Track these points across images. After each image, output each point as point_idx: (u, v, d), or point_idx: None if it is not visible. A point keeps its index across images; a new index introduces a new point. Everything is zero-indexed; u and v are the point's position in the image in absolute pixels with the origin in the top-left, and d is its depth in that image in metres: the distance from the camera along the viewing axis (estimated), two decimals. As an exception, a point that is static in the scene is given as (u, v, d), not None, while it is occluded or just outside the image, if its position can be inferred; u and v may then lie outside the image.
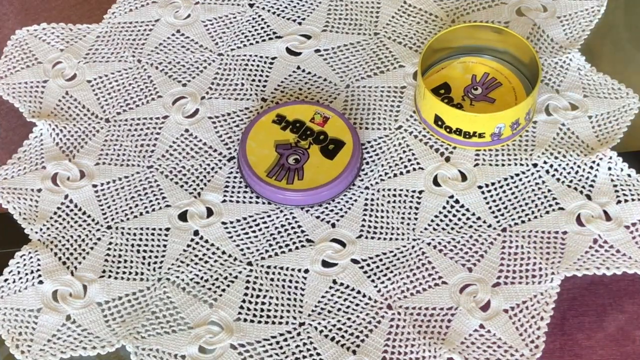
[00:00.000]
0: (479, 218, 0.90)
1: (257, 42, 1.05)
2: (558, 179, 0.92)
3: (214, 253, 0.89)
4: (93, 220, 0.92)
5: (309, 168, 0.91)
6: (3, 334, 0.84)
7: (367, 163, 0.95)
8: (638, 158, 0.94)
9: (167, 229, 0.91)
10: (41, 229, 0.91)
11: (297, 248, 0.89)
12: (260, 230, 0.91)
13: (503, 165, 0.94)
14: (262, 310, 0.85)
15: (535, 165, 0.93)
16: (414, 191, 0.92)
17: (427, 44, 0.96)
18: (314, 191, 0.90)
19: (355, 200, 0.92)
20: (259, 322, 0.85)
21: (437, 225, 0.90)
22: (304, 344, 0.83)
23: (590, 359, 0.83)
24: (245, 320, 0.85)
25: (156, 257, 0.89)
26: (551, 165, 0.93)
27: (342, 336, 0.84)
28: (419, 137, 0.96)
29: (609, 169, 0.92)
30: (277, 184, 0.90)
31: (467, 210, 0.91)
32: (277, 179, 0.91)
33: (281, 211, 0.92)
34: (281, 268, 0.88)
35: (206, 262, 0.89)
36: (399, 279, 0.87)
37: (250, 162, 0.92)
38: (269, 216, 0.91)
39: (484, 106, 0.96)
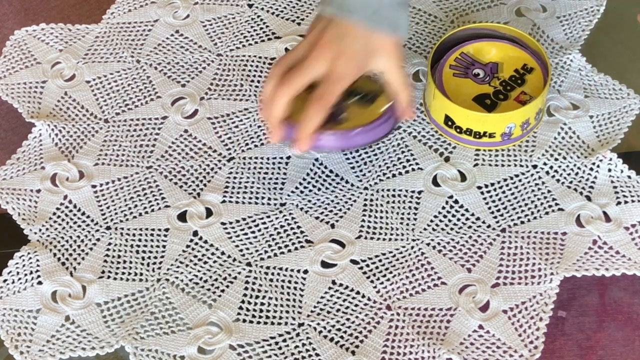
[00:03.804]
0: (478, 218, 0.90)
1: (256, 42, 1.05)
2: (558, 180, 0.92)
3: (213, 254, 0.89)
4: (92, 220, 0.92)
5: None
6: (2, 334, 0.84)
7: (366, 163, 0.94)
8: (638, 159, 0.93)
9: (167, 230, 0.91)
10: (40, 230, 0.91)
11: (296, 249, 0.89)
12: (259, 230, 0.90)
13: (502, 165, 0.94)
14: (261, 310, 0.85)
15: (535, 166, 0.93)
16: (413, 191, 0.92)
17: (436, 46, 0.96)
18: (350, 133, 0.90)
19: (355, 201, 0.92)
20: (258, 322, 0.85)
21: (437, 225, 0.90)
22: (303, 344, 0.83)
23: (590, 359, 0.83)
24: (244, 320, 0.85)
25: (155, 257, 0.89)
26: (551, 167, 0.93)
27: (341, 337, 0.84)
28: (418, 138, 0.96)
29: (609, 170, 0.92)
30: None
31: (467, 210, 0.91)
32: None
33: (280, 212, 0.91)
34: (280, 269, 0.88)
35: (205, 262, 0.89)
36: (398, 280, 0.86)
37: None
38: (268, 217, 0.91)
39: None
